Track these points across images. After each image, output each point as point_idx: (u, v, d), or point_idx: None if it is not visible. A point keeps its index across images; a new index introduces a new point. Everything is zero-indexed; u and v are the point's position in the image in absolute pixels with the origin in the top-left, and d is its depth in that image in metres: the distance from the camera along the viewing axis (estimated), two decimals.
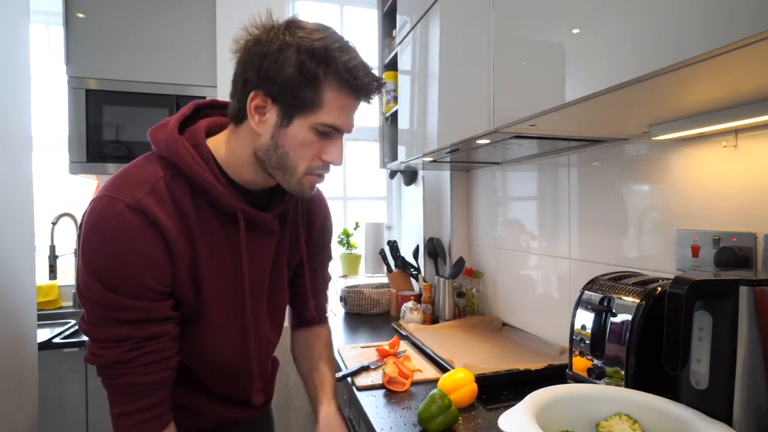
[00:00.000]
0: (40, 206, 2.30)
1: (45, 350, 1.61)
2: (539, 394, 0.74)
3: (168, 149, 0.70)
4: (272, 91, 0.68)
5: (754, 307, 0.65)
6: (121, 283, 0.64)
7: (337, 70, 0.67)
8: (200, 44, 2.04)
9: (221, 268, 0.75)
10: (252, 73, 0.68)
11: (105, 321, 0.65)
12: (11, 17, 1.27)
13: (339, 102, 0.69)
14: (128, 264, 0.64)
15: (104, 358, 0.66)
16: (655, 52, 0.60)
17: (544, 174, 1.50)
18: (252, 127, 0.70)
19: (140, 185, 0.67)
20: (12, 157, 1.25)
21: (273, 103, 0.69)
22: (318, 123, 0.69)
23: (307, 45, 0.67)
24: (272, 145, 0.70)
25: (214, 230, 0.73)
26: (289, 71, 0.66)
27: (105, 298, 0.64)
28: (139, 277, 0.65)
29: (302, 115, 0.69)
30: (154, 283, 0.67)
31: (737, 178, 0.89)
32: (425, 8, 1.42)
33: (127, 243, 0.64)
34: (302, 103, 0.68)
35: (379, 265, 2.28)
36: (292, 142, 0.70)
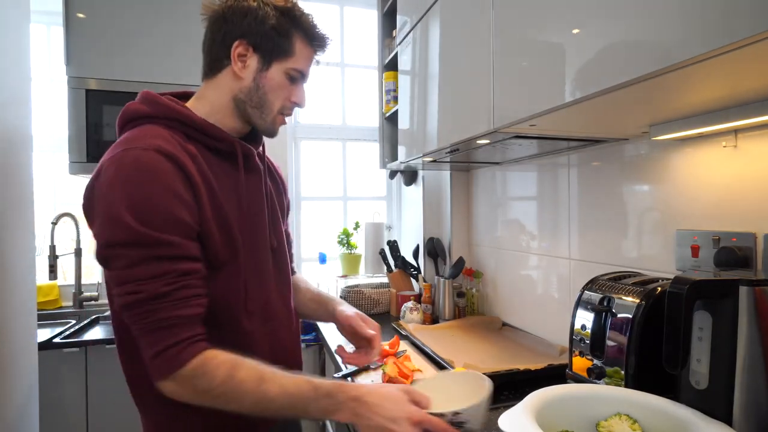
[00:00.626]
0: (40, 206, 2.30)
1: (45, 350, 1.61)
2: (539, 394, 0.74)
3: (158, 106, 0.79)
4: (254, 40, 0.81)
5: (754, 307, 0.65)
6: (159, 219, 0.69)
7: (302, 26, 0.84)
8: (200, 44, 2.03)
9: (230, 202, 0.81)
10: (234, 27, 0.81)
11: (144, 260, 0.68)
12: (11, 17, 1.27)
13: (305, 52, 0.85)
14: (163, 201, 0.69)
15: (143, 293, 0.67)
16: (655, 52, 0.60)
17: (544, 174, 1.50)
18: (234, 72, 0.82)
19: (150, 137, 0.74)
20: (12, 157, 1.25)
21: (254, 52, 0.82)
22: (290, 68, 0.84)
23: (280, 6, 0.82)
24: (254, 87, 0.83)
25: (216, 169, 0.80)
26: (269, 23, 0.80)
27: (144, 237, 0.67)
28: (174, 213, 0.70)
29: (279, 61, 0.83)
30: (187, 218, 0.72)
31: (737, 178, 0.89)
32: (425, 8, 1.42)
33: (158, 181, 0.69)
34: (279, 51, 0.82)
35: (379, 265, 2.28)
36: (271, 84, 0.83)
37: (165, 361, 0.68)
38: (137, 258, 0.68)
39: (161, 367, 0.69)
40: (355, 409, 0.70)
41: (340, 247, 2.41)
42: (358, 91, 2.58)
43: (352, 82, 2.58)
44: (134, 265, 0.68)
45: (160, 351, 0.68)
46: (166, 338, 0.68)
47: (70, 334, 1.77)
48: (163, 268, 0.69)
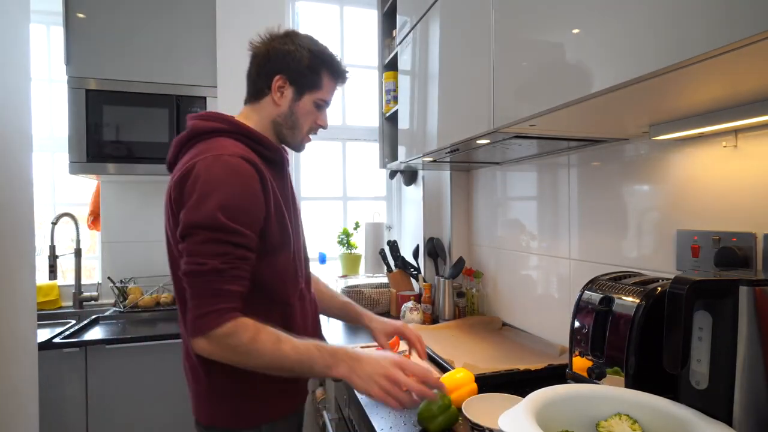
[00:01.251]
0: (40, 206, 2.30)
1: (45, 350, 1.61)
2: (539, 394, 0.74)
3: (233, 123, 0.97)
4: (291, 76, 1.01)
5: (754, 307, 0.65)
6: (237, 213, 0.85)
7: (330, 65, 1.04)
8: (200, 44, 2.04)
9: (285, 201, 0.99)
10: (276, 65, 1.00)
11: (215, 241, 0.84)
12: (11, 17, 1.27)
13: (330, 85, 1.05)
14: (244, 200, 0.87)
15: (207, 265, 0.83)
16: (655, 52, 0.60)
17: (544, 174, 1.50)
18: (274, 100, 1.02)
19: (231, 147, 0.91)
20: (12, 157, 1.25)
21: (290, 85, 1.01)
22: (318, 98, 1.04)
23: (313, 48, 1.02)
24: (289, 113, 1.03)
25: (273, 175, 0.98)
26: (304, 63, 1.00)
27: (222, 225, 0.84)
28: (250, 209, 0.88)
29: (309, 92, 1.03)
30: (257, 214, 0.89)
31: (737, 178, 0.89)
32: (425, 8, 1.42)
33: (243, 183, 0.87)
34: (310, 85, 1.02)
35: (379, 265, 2.28)
36: (302, 111, 1.03)
37: (205, 322, 0.83)
38: (210, 239, 0.84)
39: (201, 326, 0.83)
40: (351, 365, 0.86)
41: (340, 247, 2.41)
42: (358, 91, 2.58)
43: (352, 82, 2.58)
44: (206, 242, 0.84)
45: (203, 313, 0.83)
46: (212, 304, 0.83)
47: (70, 334, 1.76)
48: (226, 250, 0.84)
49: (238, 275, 0.86)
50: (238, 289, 0.86)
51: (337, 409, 1.47)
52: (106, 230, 2.22)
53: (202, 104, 2.01)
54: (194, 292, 0.84)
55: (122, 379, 1.73)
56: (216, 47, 2.06)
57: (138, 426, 1.76)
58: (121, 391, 1.74)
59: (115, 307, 2.10)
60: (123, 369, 1.73)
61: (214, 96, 2.03)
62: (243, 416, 0.96)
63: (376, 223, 2.41)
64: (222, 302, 0.84)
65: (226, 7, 2.10)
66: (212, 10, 2.07)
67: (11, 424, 1.22)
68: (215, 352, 0.84)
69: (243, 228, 0.86)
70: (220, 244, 0.84)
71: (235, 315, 0.84)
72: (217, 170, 0.86)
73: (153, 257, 2.24)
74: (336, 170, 2.57)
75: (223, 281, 0.84)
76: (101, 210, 2.22)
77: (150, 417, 1.76)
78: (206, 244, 0.84)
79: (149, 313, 2.07)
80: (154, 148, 1.96)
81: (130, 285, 2.15)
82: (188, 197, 0.86)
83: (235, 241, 0.85)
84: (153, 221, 2.25)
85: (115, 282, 2.14)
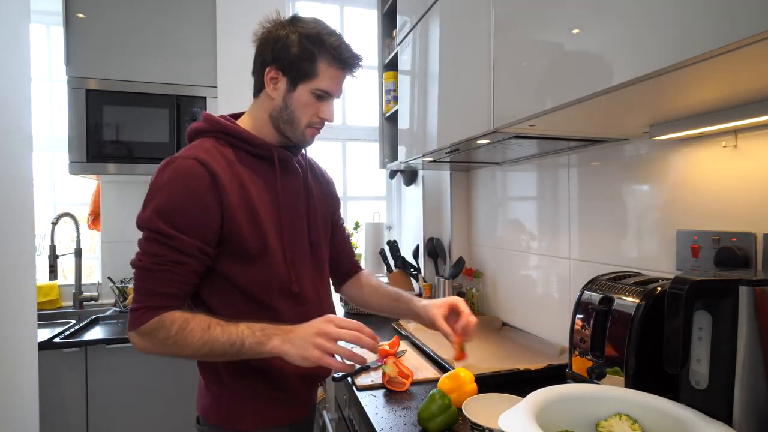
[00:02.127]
0: (40, 206, 2.30)
1: (45, 350, 1.61)
2: (539, 394, 0.74)
3: (213, 122, 0.96)
4: (282, 65, 0.93)
5: (754, 307, 0.65)
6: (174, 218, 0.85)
7: (327, 49, 0.92)
8: (200, 44, 2.04)
9: (264, 200, 0.95)
10: (267, 55, 0.94)
11: (152, 240, 0.86)
12: (11, 17, 1.27)
13: (330, 73, 0.94)
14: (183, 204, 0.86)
15: (141, 263, 0.86)
16: (655, 52, 0.60)
17: (544, 174, 1.50)
18: (268, 93, 0.95)
19: (195, 149, 0.91)
20: (12, 157, 1.25)
21: (283, 75, 0.93)
22: (315, 89, 0.94)
23: (304, 32, 0.92)
24: (283, 106, 0.95)
25: (255, 171, 0.95)
26: (294, 50, 0.91)
27: (157, 227, 0.85)
28: (189, 213, 0.86)
29: (304, 83, 0.93)
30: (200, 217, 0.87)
31: (737, 178, 0.89)
32: (425, 8, 1.42)
33: (186, 187, 0.86)
34: (304, 74, 0.93)
35: (379, 265, 2.28)
36: (297, 103, 0.94)
37: (135, 317, 0.85)
38: (150, 238, 0.86)
39: (132, 321, 0.86)
40: (282, 336, 0.84)
41: None
42: (358, 91, 2.58)
43: (352, 82, 2.58)
44: (147, 241, 0.86)
45: (134, 308, 0.85)
46: (142, 301, 0.85)
47: (70, 334, 1.77)
48: (160, 252, 0.85)
49: (169, 278, 0.85)
50: (170, 291, 0.86)
51: (337, 409, 1.47)
52: (106, 230, 2.22)
53: (202, 104, 2.01)
54: (134, 287, 0.88)
55: (122, 379, 1.74)
56: (216, 47, 2.06)
57: (138, 426, 1.76)
58: (121, 391, 1.74)
59: (115, 307, 2.10)
60: (123, 369, 1.73)
61: (214, 96, 2.03)
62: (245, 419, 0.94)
63: (376, 223, 2.41)
64: (150, 301, 0.85)
65: (226, 7, 2.10)
66: (212, 10, 2.07)
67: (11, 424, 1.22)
68: (146, 346, 0.86)
69: (179, 233, 0.85)
70: (154, 245, 0.85)
71: (160, 312, 0.85)
72: (164, 175, 0.87)
73: None
74: (336, 170, 2.57)
75: (152, 281, 0.85)
76: (101, 210, 2.22)
77: (150, 417, 1.76)
78: (146, 243, 0.87)
79: None
80: (154, 148, 1.96)
81: (130, 285, 2.15)
82: (145, 198, 0.90)
83: (171, 244, 0.85)
84: None
85: (115, 282, 2.14)
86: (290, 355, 0.82)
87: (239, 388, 0.94)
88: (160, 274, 0.85)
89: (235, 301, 0.92)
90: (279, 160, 0.98)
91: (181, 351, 0.85)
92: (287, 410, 0.98)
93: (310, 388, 1.04)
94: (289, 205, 1.00)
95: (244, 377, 0.93)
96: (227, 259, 0.91)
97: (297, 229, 1.00)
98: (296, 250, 0.99)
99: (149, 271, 0.85)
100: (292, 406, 0.99)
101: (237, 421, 0.94)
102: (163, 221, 0.84)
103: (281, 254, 0.95)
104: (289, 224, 0.98)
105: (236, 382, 0.94)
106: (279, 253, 0.95)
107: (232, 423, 0.94)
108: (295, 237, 0.99)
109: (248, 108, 1.03)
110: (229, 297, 0.93)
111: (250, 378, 0.93)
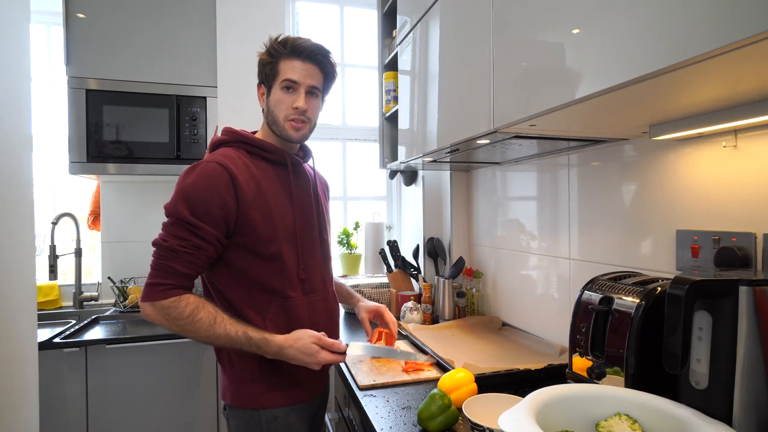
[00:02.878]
0: (40, 206, 2.30)
1: (45, 350, 1.61)
2: (539, 394, 0.74)
3: (233, 133, 1.12)
4: (261, 79, 1.13)
5: (753, 307, 0.65)
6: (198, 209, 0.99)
7: (287, 47, 1.08)
8: (200, 44, 2.04)
9: (280, 197, 1.09)
10: (259, 76, 1.14)
11: (178, 225, 0.99)
12: (11, 17, 1.27)
13: (289, 65, 1.08)
14: (206, 198, 0.99)
15: (167, 243, 0.98)
16: (655, 52, 0.60)
17: (544, 174, 1.50)
18: (262, 107, 1.14)
19: (218, 155, 1.05)
20: (12, 157, 1.25)
21: (263, 86, 1.13)
22: (281, 83, 1.08)
23: (270, 45, 1.09)
24: (267, 110, 1.12)
25: (270, 175, 1.10)
26: (264, 61, 1.10)
27: (184, 217, 0.98)
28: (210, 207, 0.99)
29: (273, 83, 1.09)
30: (218, 212, 1.00)
31: (737, 178, 0.89)
32: (425, 8, 1.42)
33: (209, 185, 1.00)
34: (272, 76, 1.09)
35: (379, 265, 2.28)
36: (272, 102, 1.10)
37: (154, 292, 0.97)
38: (176, 223, 0.99)
39: (149, 294, 0.97)
40: (277, 352, 1.00)
41: (340, 247, 2.41)
42: (358, 91, 2.58)
43: (352, 82, 2.58)
44: (173, 225, 0.99)
45: (153, 283, 0.97)
46: (162, 277, 0.97)
47: (70, 334, 1.76)
48: (186, 236, 0.98)
49: (190, 260, 0.98)
50: (187, 272, 0.98)
51: (337, 409, 1.47)
52: (106, 230, 2.22)
53: (202, 104, 2.01)
54: (153, 263, 0.99)
55: (122, 379, 1.74)
56: (216, 47, 2.06)
57: (138, 426, 1.76)
58: (121, 391, 1.74)
59: (115, 307, 2.10)
60: (123, 369, 1.73)
61: (214, 96, 2.03)
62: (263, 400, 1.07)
63: (376, 223, 2.41)
64: (171, 279, 0.97)
65: (227, 7, 2.10)
66: (212, 10, 2.07)
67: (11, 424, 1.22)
68: (157, 319, 0.98)
69: (201, 222, 0.98)
70: (180, 230, 0.98)
71: (180, 292, 0.98)
72: (191, 175, 1.02)
73: None
74: (336, 170, 2.56)
75: (175, 260, 0.97)
76: (101, 210, 2.22)
77: (150, 417, 1.76)
78: (173, 227, 0.99)
79: None
80: (154, 148, 1.96)
81: (130, 285, 2.15)
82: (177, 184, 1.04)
83: (194, 231, 0.98)
84: (153, 221, 2.24)
85: (116, 282, 2.14)
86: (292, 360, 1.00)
87: (250, 371, 1.07)
88: (183, 255, 0.97)
89: (248, 289, 1.06)
90: (292, 164, 1.14)
91: (186, 334, 0.98)
92: (296, 392, 1.10)
93: (317, 375, 1.14)
94: (302, 203, 1.14)
95: (251, 361, 1.06)
96: (241, 251, 1.04)
97: (309, 224, 1.15)
98: (308, 243, 1.13)
99: (174, 252, 0.97)
100: (299, 388, 1.11)
101: (248, 401, 1.07)
102: (189, 211, 0.98)
103: (294, 247, 1.09)
104: (302, 220, 1.13)
105: (247, 367, 1.06)
106: (291, 245, 1.09)
107: (244, 403, 1.07)
108: (308, 232, 1.14)
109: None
110: (243, 285, 1.06)
111: (256, 361, 1.06)
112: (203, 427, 1.83)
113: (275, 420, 1.07)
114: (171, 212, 0.99)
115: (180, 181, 1.03)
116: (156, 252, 0.99)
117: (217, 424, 1.84)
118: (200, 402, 1.82)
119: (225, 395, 1.10)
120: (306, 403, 1.13)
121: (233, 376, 1.08)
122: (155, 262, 0.98)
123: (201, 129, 2.02)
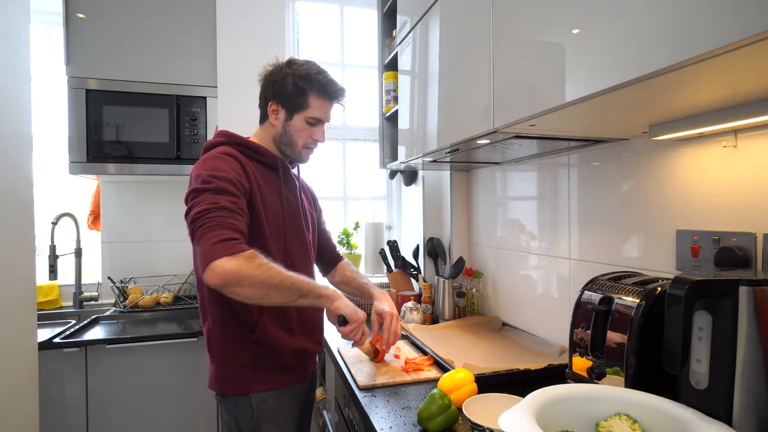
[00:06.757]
0: (40, 206, 2.30)
1: (45, 350, 1.61)
2: (539, 394, 0.74)
3: (229, 135, 1.19)
4: (281, 100, 1.19)
5: (753, 307, 0.65)
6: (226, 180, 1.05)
7: (315, 85, 1.18)
8: (200, 44, 2.04)
9: (272, 197, 1.18)
10: (269, 92, 1.21)
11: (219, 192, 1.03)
12: (11, 17, 1.27)
13: (318, 104, 1.20)
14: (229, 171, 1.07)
15: (220, 203, 1.01)
16: (655, 52, 0.60)
17: (544, 174, 1.50)
18: (271, 122, 1.22)
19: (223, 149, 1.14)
20: (12, 158, 1.26)
21: (282, 108, 1.20)
22: (308, 117, 1.20)
23: (297, 72, 1.18)
24: (283, 132, 1.22)
25: (263, 175, 1.18)
26: (289, 88, 1.18)
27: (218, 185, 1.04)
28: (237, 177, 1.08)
29: (298, 113, 1.20)
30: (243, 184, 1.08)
31: (737, 178, 0.89)
32: (425, 8, 1.42)
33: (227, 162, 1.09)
34: (298, 106, 1.19)
35: (379, 265, 2.28)
36: (294, 129, 1.21)
37: (229, 246, 0.96)
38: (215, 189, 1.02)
39: (225, 249, 0.96)
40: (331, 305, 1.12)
41: (340, 247, 2.41)
42: (358, 91, 2.58)
43: (352, 82, 2.58)
44: (215, 192, 1.02)
45: (224, 239, 0.97)
46: (230, 233, 0.98)
47: (70, 334, 1.76)
48: (232, 199, 1.03)
49: (242, 220, 1.03)
50: (245, 230, 1.03)
51: (337, 409, 1.47)
52: (106, 230, 2.22)
53: (202, 104, 2.01)
54: (213, 225, 0.98)
55: (122, 379, 1.74)
56: (216, 47, 2.06)
57: (138, 426, 1.76)
58: (121, 391, 1.74)
59: (115, 307, 2.10)
60: (123, 369, 1.73)
61: (214, 96, 2.03)
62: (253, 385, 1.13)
63: (376, 223, 2.41)
64: (239, 235, 1.00)
65: (227, 7, 2.10)
66: (212, 10, 2.07)
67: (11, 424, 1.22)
68: (241, 267, 0.95)
69: (234, 189, 1.05)
70: (224, 195, 1.02)
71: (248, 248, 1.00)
72: (207, 161, 1.09)
73: (153, 257, 2.24)
74: (336, 170, 2.56)
75: (233, 218, 1.00)
76: (101, 210, 2.22)
77: (150, 417, 1.76)
78: (216, 193, 1.02)
79: (149, 313, 2.07)
80: (154, 148, 1.96)
81: (130, 285, 2.15)
82: (192, 176, 1.08)
83: (236, 196, 1.04)
84: (153, 221, 2.25)
85: (115, 282, 2.14)
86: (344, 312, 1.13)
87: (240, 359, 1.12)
88: (236, 214, 1.02)
89: None
90: (282, 169, 1.22)
91: (270, 278, 0.99)
92: (282, 377, 1.17)
93: (304, 362, 1.24)
94: (290, 205, 1.23)
95: (243, 350, 1.13)
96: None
97: (296, 225, 1.24)
98: (295, 242, 1.22)
99: (229, 210, 1.01)
100: (288, 373, 1.19)
101: (239, 387, 1.13)
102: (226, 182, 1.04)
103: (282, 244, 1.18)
104: (291, 220, 1.21)
105: (237, 355, 1.13)
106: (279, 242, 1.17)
107: (234, 388, 1.13)
108: (294, 233, 1.23)
109: (254, 132, 1.27)
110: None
111: (248, 350, 1.13)
112: (203, 427, 1.83)
113: (265, 402, 1.14)
114: (203, 186, 1.02)
115: (196, 168, 1.08)
116: (209, 216, 0.99)
117: (217, 424, 1.84)
118: (200, 402, 1.82)
119: (213, 384, 1.15)
120: (295, 386, 1.21)
121: (222, 365, 1.13)
122: (213, 223, 0.98)
123: (201, 129, 2.02)
